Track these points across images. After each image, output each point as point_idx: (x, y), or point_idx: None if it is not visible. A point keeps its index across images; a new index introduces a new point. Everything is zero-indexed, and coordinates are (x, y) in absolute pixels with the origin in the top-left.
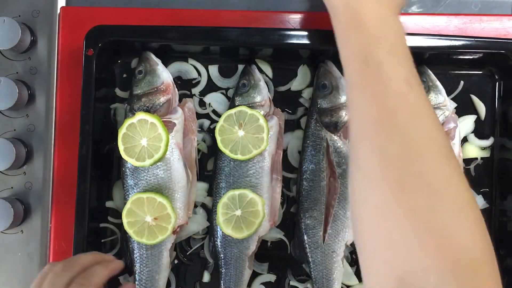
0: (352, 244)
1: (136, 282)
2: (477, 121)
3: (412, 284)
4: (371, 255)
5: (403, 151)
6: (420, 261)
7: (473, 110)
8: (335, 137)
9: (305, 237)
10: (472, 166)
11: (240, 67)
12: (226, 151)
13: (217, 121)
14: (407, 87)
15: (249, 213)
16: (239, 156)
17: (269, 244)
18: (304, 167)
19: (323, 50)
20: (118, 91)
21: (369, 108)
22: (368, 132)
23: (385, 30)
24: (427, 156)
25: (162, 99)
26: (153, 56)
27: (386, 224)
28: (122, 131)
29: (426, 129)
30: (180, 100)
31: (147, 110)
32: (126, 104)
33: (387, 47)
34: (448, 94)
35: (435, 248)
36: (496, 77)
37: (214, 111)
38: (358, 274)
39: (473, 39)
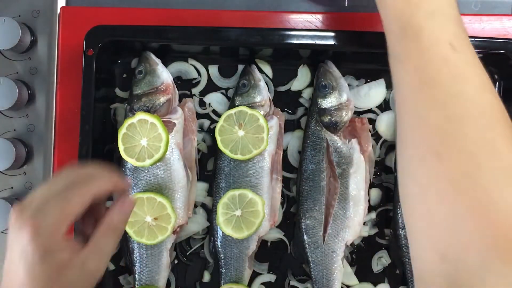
0: (352, 244)
1: (136, 282)
2: None
3: (453, 260)
4: (416, 235)
5: (442, 121)
6: (460, 236)
7: None
8: (335, 137)
9: (305, 237)
10: None
11: (240, 67)
12: (226, 151)
13: (217, 121)
14: (450, 51)
15: (249, 213)
16: (239, 156)
17: (269, 244)
18: (304, 167)
19: (323, 50)
20: (118, 91)
21: (410, 79)
22: (409, 103)
23: None
24: (467, 124)
25: (162, 99)
26: (153, 56)
27: (427, 200)
28: (122, 131)
29: (468, 94)
30: (180, 100)
31: (147, 110)
32: (126, 104)
33: (427, 9)
34: None
35: (475, 222)
36: (496, 77)
37: (214, 111)
38: (358, 274)
39: (473, 39)
